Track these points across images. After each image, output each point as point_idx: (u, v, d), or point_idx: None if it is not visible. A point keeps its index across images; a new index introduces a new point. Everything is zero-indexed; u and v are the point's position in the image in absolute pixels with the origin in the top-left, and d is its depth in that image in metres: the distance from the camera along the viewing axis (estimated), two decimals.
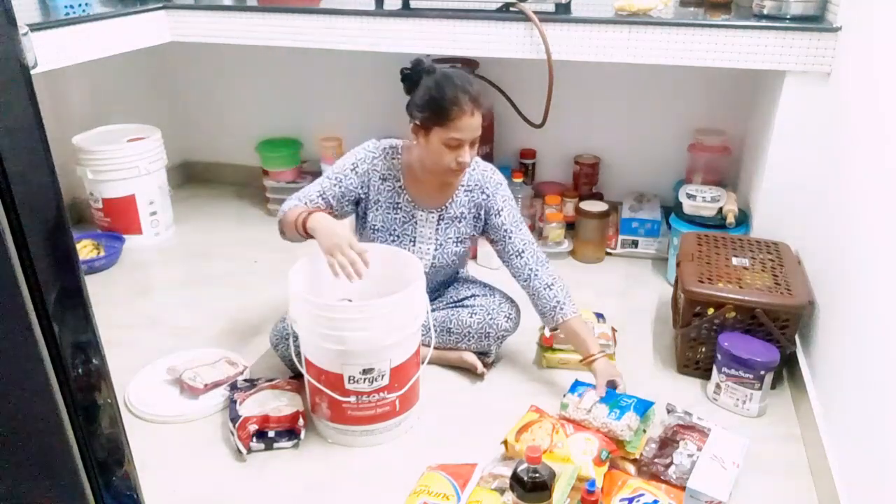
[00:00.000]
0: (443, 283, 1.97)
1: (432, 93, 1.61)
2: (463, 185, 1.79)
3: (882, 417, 1.26)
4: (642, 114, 2.65)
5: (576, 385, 1.72)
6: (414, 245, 1.82)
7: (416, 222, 1.80)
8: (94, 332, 0.76)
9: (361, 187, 1.77)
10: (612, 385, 1.69)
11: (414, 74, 1.67)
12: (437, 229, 1.81)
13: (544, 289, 1.75)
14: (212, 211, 2.98)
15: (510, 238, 1.77)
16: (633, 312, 2.19)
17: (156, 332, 2.10)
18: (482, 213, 1.80)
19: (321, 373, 1.58)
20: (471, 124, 1.62)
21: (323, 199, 1.76)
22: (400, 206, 1.79)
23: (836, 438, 1.49)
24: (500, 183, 1.80)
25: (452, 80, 1.63)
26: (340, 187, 1.76)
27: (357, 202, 1.81)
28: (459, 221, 1.82)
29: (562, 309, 1.74)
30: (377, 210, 1.79)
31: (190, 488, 1.53)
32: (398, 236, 1.81)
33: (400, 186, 1.78)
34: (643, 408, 1.61)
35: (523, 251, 1.76)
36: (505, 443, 1.57)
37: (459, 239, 1.84)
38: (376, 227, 1.81)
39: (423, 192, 1.79)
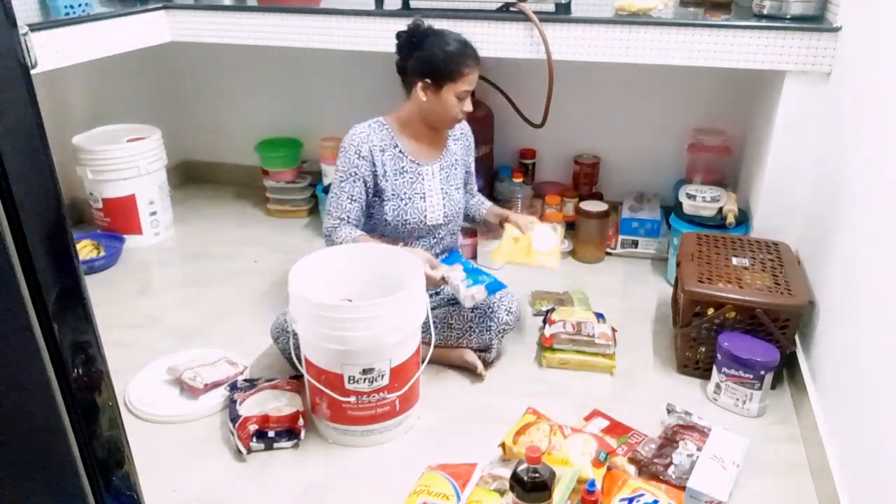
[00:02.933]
0: (448, 248, 2.03)
1: (445, 50, 1.77)
2: (451, 135, 1.98)
3: (882, 417, 1.26)
4: (642, 114, 2.65)
5: (456, 256, 2.04)
6: (424, 201, 1.90)
7: (423, 178, 1.90)
8: (94, 332, 0.76)
9: (372, 166, 1.85)
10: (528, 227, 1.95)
11: (413, 37, 1.81)
12: (440, 179, 1.94)
13: (476, 201, 2.13)
14: (212, 211, 2.98)
15: (471, 179, 2.10)
16: (633, 312, 2.19)
17: (156, 332, 2.10)
18: (466, 156, 2.04)
19: (321, 373, 1.58)
20: (476, 76, 1.82)
21: (355, 201, 1.84)
22: (405, 168, 1.88)
23: (836, 438, 1.49)
24: (471, 131, 2.07)
25: (456, 38, 1.80)
26: (359, 179, 1.84)
27: (375, 182, 1.87)
28: (455, 168, 1.99)
29: (484, 205, 2.13)
30: (385, 180, 1.86)
31: (190, 488, 1.53)
32: (410, 197, 1.88)
33: (399, 152, 1.88)
34: (494, 288, 1.84)
35: (474, 185, 2.12)
36: (503, 445, 1.57)
37: (458, 185, 2.00)
38: (387, 196, 1.87)
39: (420, 150, 1.92)
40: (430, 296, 1.87)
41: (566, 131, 2.72)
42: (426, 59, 1.77)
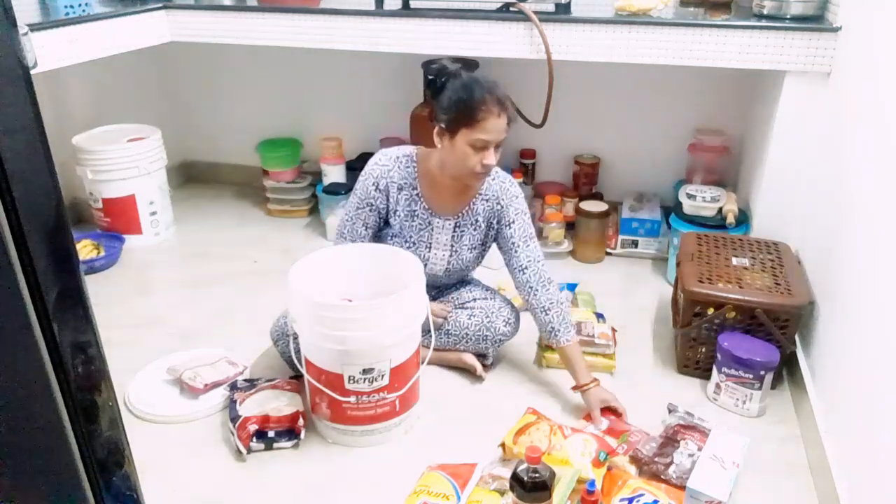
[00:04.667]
0: (452, 285, 1.98)
1: (460, 94, 1.61)
2: (481, 194, 1.79)
3: (882, 417, 1.26)
4: (642, 114, 2.65)
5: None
6: (429, 251, 1.83)
7: (432, 229, 1.81)
8: (94, 332, 0.76)
9: (386, 200, 1.79)
10: (607, 414, 1.68)
11: (439, 79, 1.69)
12: (452, 236, 1.82)
13: (541, 312, 1.74)
14: (212, 211, 2.98)
15: (516, 251, 1.76)
16: (633, 312, 2.19)
17: (156, 332, 2.10)
18: (495, 222, 1.81)
19: (321, 373, 1.58)
20: (497, 125, 1.61)
21: (369, 228, 1.81)
22: (417, 213, 1.80)
23: (836, 438, 1.49)
24: (517, 196, 1.79)
25: (480, 82, 1.64)
26: (374, 210, 1.79)
27: (387, 214, 1.83)
28: (474, 229, 1.82)
29: (556, 336, 1.72)
30: (395, 217, 1.81)
31: (190, 488, 1.53)
32: (414, 242, 1.82)
33: (417, 194, 1.79)
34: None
35: (527, 267, 1.75)
36: (503, 445, 1.57)
37: (473, 246, 1.85)
38: (394, 233, 1.83)
39: (440, 200, 1.79)
40: (432, 300, 1.86)
41: (566, 131, 2.72)
42: (443, 103, 1.64)
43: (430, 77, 1.71)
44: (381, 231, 1.86)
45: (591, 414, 1.67)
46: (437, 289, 1.95)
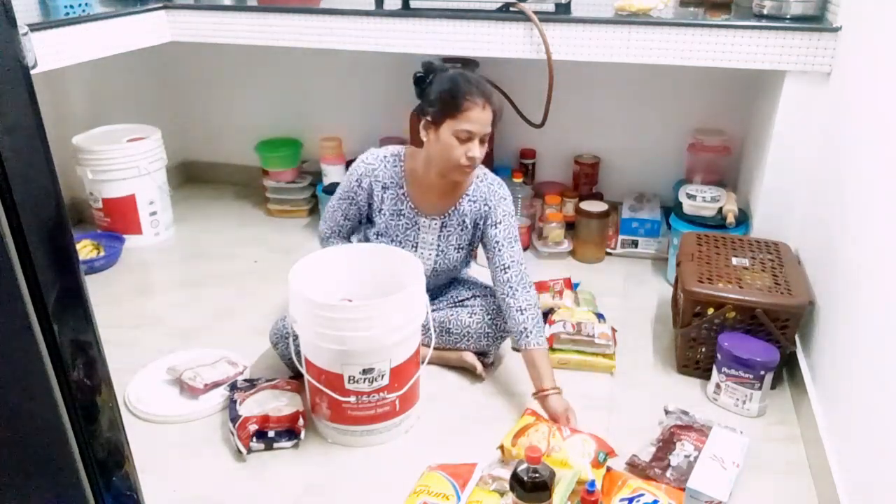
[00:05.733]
0: (443, 285, 1.98)
1: (445, 86, 1.64)
2: (468, 195, 1.80)
3: (882, 417, 1.26)
4: (642, 114, 2.65)
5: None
6: (416, 251, 1.83)
7: (418, 228, 1.82)
8: (94, 332, 0.76)
9: (368, 197, 1.82)
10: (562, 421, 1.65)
11: (426, 75, 1.71)
12: (439, 236, 1.83)
13: (516, 311, 1.72)
14: (212, 211, 2.98)
15: (500, 251, 1.76)
16: (633, 312, 2.19)
17: (156, 332, 2.10)
18: (481, 222, 1.81)
19: (321, 373, 1.58)
20: (481, 117, 1.63)
21: (348, 219, 1.86)
22: (403, 212, 1.81)
23: (836, 438, 1.49)
24: (504, 198, 1.80)
25: (465, 75, 1.67)
26: (355, 204, 1.83)
27: (370, 211, 1.86)
28: (461, 229, 1.83)
29: (526, 336, 1.70)
30: (381, 216, 1.82)
31: (190, 488, 1.53)
32: (400, 242, 1.83)
33: (403, 194, 1.80)
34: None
35: (509, 267, 1.75)
36: (501, 447, 1.57)
37: (460, 246, 1.85)
38: (380, 232, 1.84)
39: (426, 199, 1.80)
40: (430, 300, 1.86)
41: (566, 131, 2.72)
42: (430, 95, 1.67)
43: (418, 74, 1.73)
44: (363, 226, 1.89)
45: (551, 420, 1.64)
46: (433, 291, 1.95)
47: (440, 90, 1.65)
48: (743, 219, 2.25)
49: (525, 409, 1.68)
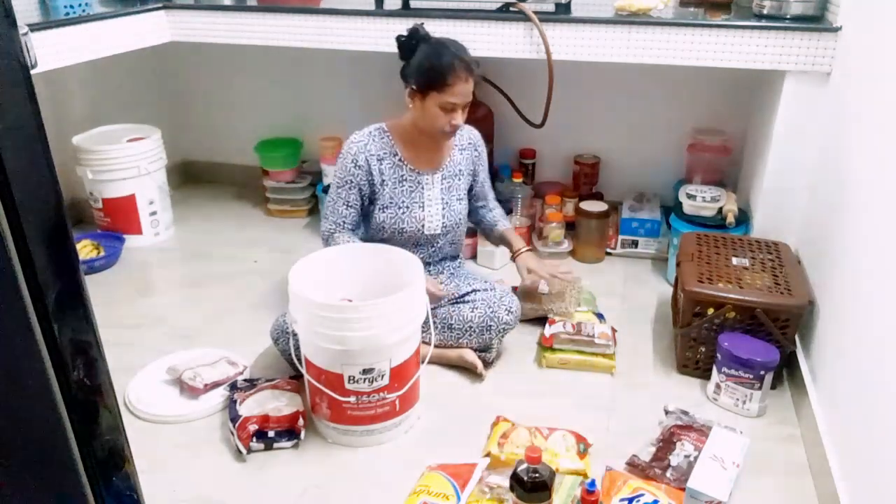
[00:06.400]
0: (449, 257, 2.02)
1: (431, 59, 1.73)
2: (457, 145, 1.94)
3: (882, 417, 1.26)
4: (642, 114, 2.65)
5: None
6: (423, 210, 1.89)
7: (422, 188, 1.89)
8: (94, 332, 0.76)
9: (367, 175, 1.85)
10: (533, 287, 1.94)
11: (410, 41, 1.79)
12: (441, 189, 1.91)
13: (491, 217, 2.08)
14: (212, 211, 2.98)
15: (484, 188, 2.05)
16: (633, 312, 2.19)
17: (156, 332, 2.10)
18: (473, 167, 1.98)
19: (321, 373, 1.58)
20: (465, 89, 1.75)
21: (351, 207, 1.88)
22: (405, 177, 1.88)
23: (836, 438, 1.49)
24: (481, 141, 2.02)
25: (448, 47, 1.75)
26: (355, 186, 1.86)
27: (371, 190, 1.88)
28: (458, 178, 1.95)
29: (497, 223, 2.07)
30: (384, 189, 1.87)
31: (190, 488, 1.53)
32: (408, 206, 1.88)
33: (399, 160, 1.87)
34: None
35: (494, 207, 2.09)
36: (489, 454, 1.56)
37: (460, 196, 1.97)
38: (385, 205, 1.87)
39: (421, 158, 1.89)
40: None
41: (566, 131, 2.72)
42: (415, 66, 1.75)
43: (402, 38, 1.81)
44: (368, 217, 1.91)
45: (519, 274, 1.96)
46: (442, 262, 2.02)
47: (426, 62, 1.73)
48: (743, 219, 2.25)
49: (496, 417, 1.68)
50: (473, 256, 2.52)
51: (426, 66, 1.73)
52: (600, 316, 2.04)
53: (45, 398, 0.70)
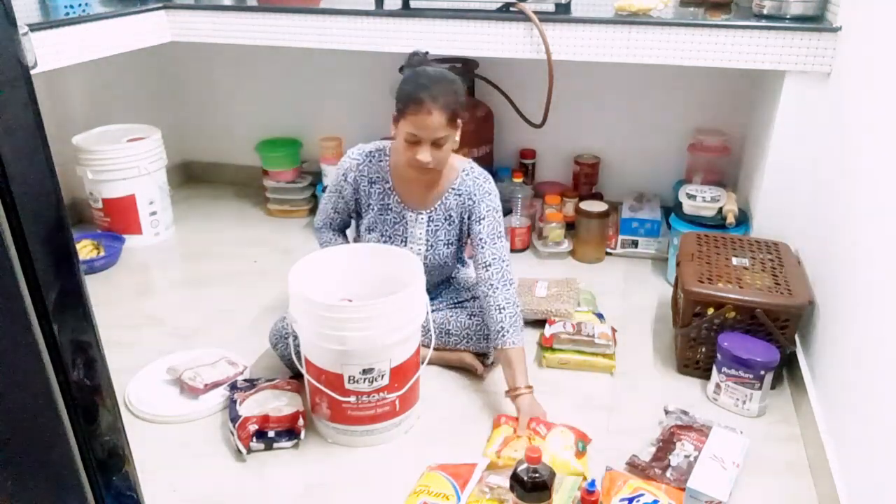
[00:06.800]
0: (439, 284, 1.98)
1: (403, 84, 1.64)
2: (454, 189, 1.79)
3: (882, 417, 1.26)
4: (642, 114, 2.65)
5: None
6: (405, 245, 1.83)
7: (406, 223, 1.82)
8: (94, 332, 0.76)
9: (355, 193, 1.83)
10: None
11: (405, 66, 1.73)
12: (427, 230, 1.82)
13: (495, 309, 1.69)
14: (212, 211, 2.98)
15: (483, 248, 1.74)
16: (633, 312, 2.19)
17: (156, 332, 2.10)
18: (466, 217, 1.80)
19: (321, 373, 1.58)
20: (427, 123, 1.59)
21: (337, 212, 1.89)
22: (390, 207, 1.82)
23: (836, 438, 1.49)
24: (490, 192, 1.78)
25: (423, 75, 1.63)
26: (342, 198, 1.85)
27: (358, 206, 1.87)
28: (448, 224, 1.82)
29: (503, 336, 1.68)
30: (370, 212, 1.83)
31: (190, 488, 1.53)
32: (390, 237, 1.83)
33: (389, 188, 1.81)
34: None
35: (490, 265, 1.72)
36: (487, 455, 1.56)
37: (449, 241, 1.84)
38: (370, 227, 1.84)
39: (411, 193, 1.80)
40: (430, 300, 1.86)
41: (566, 131, 2.72)
42: (396, 89, 1.66)
43: (402, 65, 1.76)
44: (353, 220, 1.93)
45: (520, 420, 1.61)
46: (430, 291, 1.94)
47: (399, 88, 1.64)
48: (743, 219, 2.25)
49: (498, 417, 1.67)
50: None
51: (398, 90, 1.64)
52: (600, 316, 2.04)
53: (44, 398, 0.70)
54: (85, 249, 2.51)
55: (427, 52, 1.75)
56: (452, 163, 1.78)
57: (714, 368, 1.77)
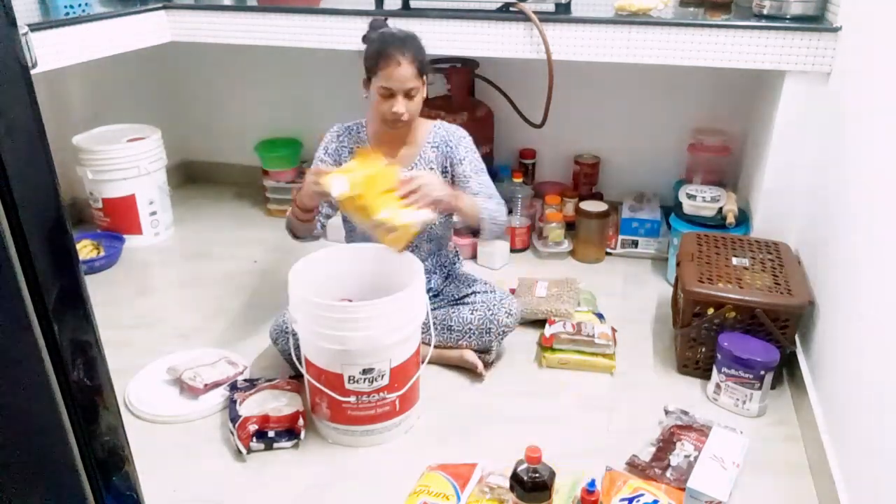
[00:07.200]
0: (434, 254, 1.96)
1: (370, 46, 1.75)
2: (429, 143, 1.87)
3: (882, 417, 1.26)
4: (642, 114, 2.65)
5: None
6: None
7: None
8: (95, 332, 0.76)
9: (336, 165, 1.86)
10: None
11: (368, 32, 1.81)
12: None
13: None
14: (212, 211, 2.98)
15: (468, 182, 1.83)
16: (633, 312, 2.19)
17: (156, 332, 2.10)
18: (448, 164, 1.87)
19: (321, 373, 1.58)
20: (399, 74, 1.69)
21: None
22: None
23: (836, 438, 1.49)
24: (464, 137, 1.89)
25: (387, 34, 1.76)
26: None
27: None
28: None
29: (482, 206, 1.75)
30: None
31: (190, 488, 1.53)
32: None
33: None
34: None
35: (478, 193, 1.81)
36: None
37: None
38: None
39: (391, 153, 1.86)
40: (431, 298, 1.86)
41: (566, 131, 2.72)
42: (364, 55, 1.78)
43: (364, 34, 1.85)
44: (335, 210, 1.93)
45: (414, 175, 1.64)
46: (426, 260, 1.94)
47: (367, 48, 1.76)
48: (743, 219, 2.25)
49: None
50: (473, 256, 2.52)
51: (367, 51, 1.75)
52: (600, 316, 2.04)
53: (45, 398, 0.70)
54: (85, 249, 2.51)
55: (386, 18, 1.85)
56: (423, 121, 1.87)
57: (714, 368, 1.77)
